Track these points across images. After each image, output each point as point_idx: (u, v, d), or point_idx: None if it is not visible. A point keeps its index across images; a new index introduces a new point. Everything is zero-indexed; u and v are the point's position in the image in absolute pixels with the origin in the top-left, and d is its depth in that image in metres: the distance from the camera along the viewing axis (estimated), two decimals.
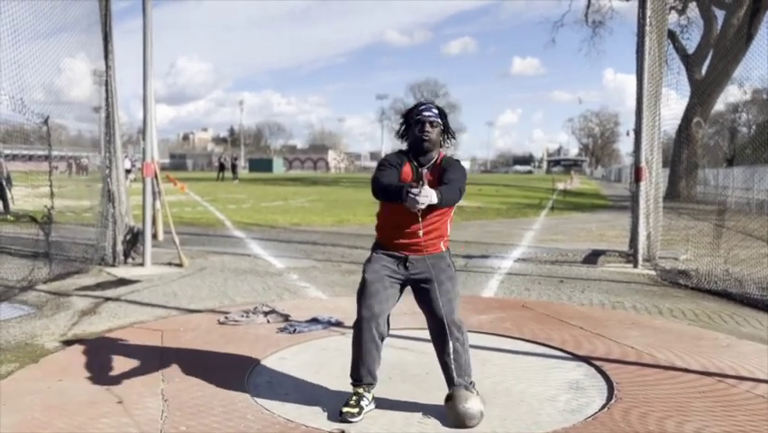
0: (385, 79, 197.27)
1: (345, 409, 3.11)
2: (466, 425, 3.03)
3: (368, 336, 3.16)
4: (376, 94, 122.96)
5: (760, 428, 2.98)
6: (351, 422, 3.07)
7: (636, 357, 4.12)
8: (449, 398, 3.11)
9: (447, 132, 3.28)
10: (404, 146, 3.32)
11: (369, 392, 3.23)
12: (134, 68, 7.72)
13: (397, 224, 3.18)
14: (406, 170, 3.20)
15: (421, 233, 3.07)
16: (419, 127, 3.19)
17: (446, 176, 3.13)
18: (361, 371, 3.21)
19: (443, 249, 3.26)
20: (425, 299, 3.21)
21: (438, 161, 3.23)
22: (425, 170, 3.12)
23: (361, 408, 3.15)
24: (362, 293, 3.18)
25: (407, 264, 3.20)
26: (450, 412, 3.08)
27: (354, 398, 3.19)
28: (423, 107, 3.26)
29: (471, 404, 3.05)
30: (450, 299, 3.18)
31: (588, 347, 4.35)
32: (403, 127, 3.31)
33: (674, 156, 15.98)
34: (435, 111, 3.24)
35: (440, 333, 3.17)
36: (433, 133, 3.19)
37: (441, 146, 3.28)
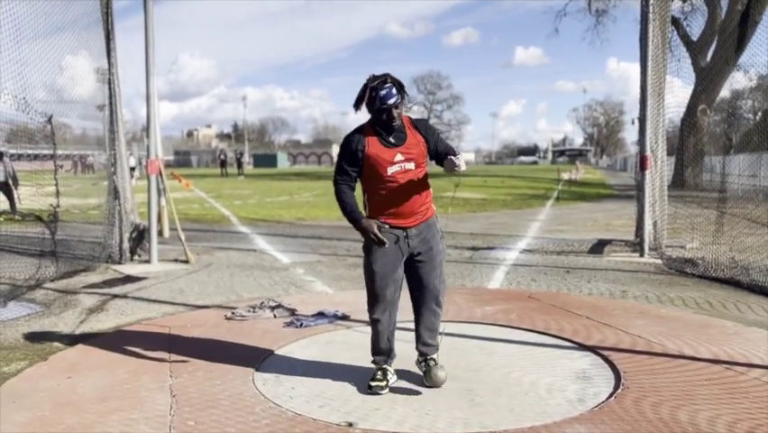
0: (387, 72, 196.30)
1: (374, 384, 3.30)
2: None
3: (386, 333, 3.38)
4: None
5: None
6: (380, 394, 3.29)
7: (643, 346, 4.11)
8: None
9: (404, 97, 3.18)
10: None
11: (391, 366, 3.43)
12: (136, 65, 7.73)
13: (397, 198, 3.19)
14: (374, 148, 3.15)
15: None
16: (386, 116, 3.09)
17: (436, 141, 3.24)
18: (382, 350, 3.43)
19: (434, 211, 3.38)
20: (420, 270, 3.32)
21: (408, 125, 3.23)
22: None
23: (387, 380, 3.35)
24: (375, 293, 3.29)
25: (408, 239, 3.26)
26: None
27: (380, 373, 3.37)
28: (383, 93, 3.04)
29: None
30: (442, 271, 3.37)
31: (594, 337, 4.34)
32: (362, 105, 3.14)
33: (680, 144, 15.86)
34: (394, 91, 3.07)
35: (430, 301, 3.37)
36: (398, 116, 3.13)
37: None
